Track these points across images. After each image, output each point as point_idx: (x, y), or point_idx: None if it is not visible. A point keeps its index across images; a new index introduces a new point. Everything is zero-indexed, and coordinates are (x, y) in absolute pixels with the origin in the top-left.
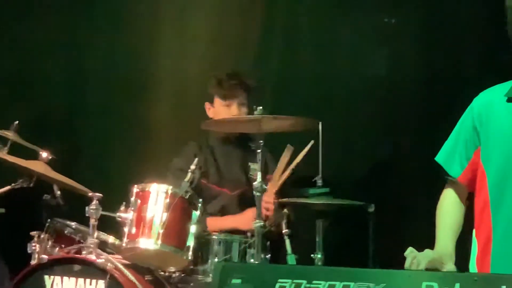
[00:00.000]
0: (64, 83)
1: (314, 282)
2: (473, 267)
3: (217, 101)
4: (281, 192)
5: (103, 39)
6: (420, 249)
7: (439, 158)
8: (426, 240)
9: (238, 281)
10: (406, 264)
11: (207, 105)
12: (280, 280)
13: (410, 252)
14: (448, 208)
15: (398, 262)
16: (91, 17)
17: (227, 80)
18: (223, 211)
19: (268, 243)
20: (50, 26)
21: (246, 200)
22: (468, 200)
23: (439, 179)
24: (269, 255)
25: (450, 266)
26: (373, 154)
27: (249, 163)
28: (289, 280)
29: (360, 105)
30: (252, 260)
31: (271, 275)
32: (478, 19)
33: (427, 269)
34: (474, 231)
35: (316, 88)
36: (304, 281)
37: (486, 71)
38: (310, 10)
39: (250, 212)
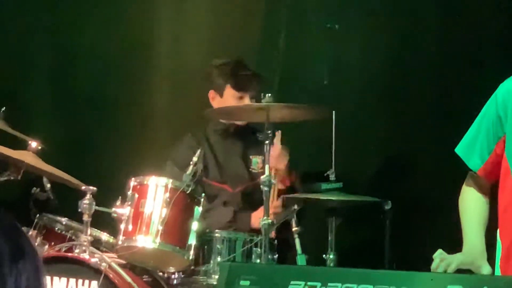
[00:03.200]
0: (54, 68)
1: (330, 284)
2: (497, 269)
3: (229, 91)
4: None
5: (98, 23)
6: (444, 250)
7: (459, 149)
8: (447, 239)
9: (247, 283)
10: (433, 265)
11: (211, 93)
12: (292, 282)
13: (439, 254)
14: (472, 203)
15: (416, 264)
16: (80, 2)
17: (243, 69)
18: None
19: (276, 242)
20: (37, 6)
21: (249, 197)
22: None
23: (459, 174)
24: (277, 255)
25: (486, 268)
26: (389, 147)
27: (250, 156)
28: (302, 282)
29: (375, 95)
30: (258, 261)
31: (282, 277)
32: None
33: (461, 271)
34: (498, 230)
35: (330, 77)
36: (319, 283)
37: (508, 60)
38: None
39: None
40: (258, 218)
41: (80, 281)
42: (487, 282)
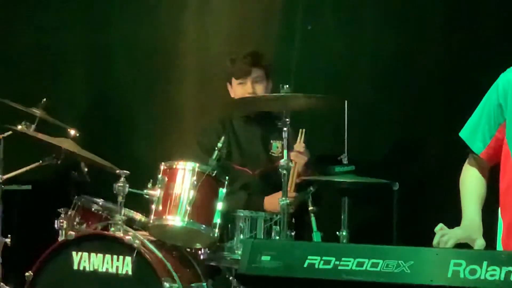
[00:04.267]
0: (89, 60)
1: (343, 259)
2: (499, 246)
3: (233, 80)
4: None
5: (129, 21)
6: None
7: (463, 133)
8: (450, 218)
9: (268, 258)
10: (435, 241)
11: (228, 86)
12: (309, 257)
13: (439, 228)
14: (471, 181)
15: (422, 240)
16: None
17: (239, 58)
18: (244, 191)
19: (293, 220)
20: (73, 6)
21: (268, 179)
22: (492, 179)
23: (464, 157)
24: (294, 232)
25: (480, 241)
26: (398, 133)
27: (271, 141)
28: (318, 257)
29: (384, 84)
30: (277, 237)
31: (300, 252)
32: None
33: (458, 246)
34: (499, 210)
35: (341, 66)
36: (333, 258)
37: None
38: None
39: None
40: (270, 203)
41: (115, 257)
42: (488, 256)
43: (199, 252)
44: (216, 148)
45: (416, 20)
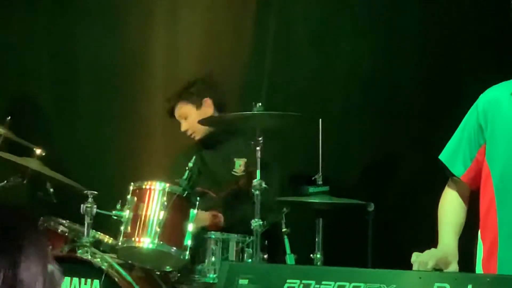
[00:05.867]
0: (56, 80)
1: (324, 282)
2: (479, 269)
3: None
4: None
5: (96, 36)
6: (421, 249)
7: (443, 156)
8: (426, 240)
9: (245, 281)
10: (414, 268)
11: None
12: (288, 281)
13: (416, 257)
14: (451, 207)
15: (397, 262)
16: (82, 10)
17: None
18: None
19: (266, 242)
20: (40, 19)
21: (231, 201)
22: (472, 201)
23: (439, 178)
24: (267, 254)
25: (454, 265)
26: (373, 153)
27: (234, 159)
28: (298, 281)
29: (359, 102)
30: (250, 260)
31: (279, 275)
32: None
33: (434, 269)
34: (479, 232)
35: (314, 84)
36: (313, 282)
37: (489, 68)
38: (305, 2)
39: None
40: (199, 219)
41: (83, 280)
42: (473, 280)
43: (170, 275)
44: (187, 168)
45: (391, 37)
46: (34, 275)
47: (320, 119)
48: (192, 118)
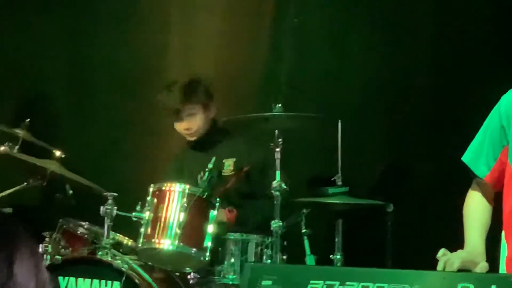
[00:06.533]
0: (75, 83)
1: (347, 283)
2: (502, 269)
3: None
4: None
5: (111, 37)
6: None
7: (466, 157)
8: (446, 240)
9: (269, 282)
10: (439, 267)
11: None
12: (311, 282)
13: (442, 254)
14: (476, 208)
15: (417, 262)
16: (98, 14)
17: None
18: None
19: (285, 243)
20: (57, 23)
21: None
22: (495, 201)
23: (458, 179)
24: (286, 255)
25: (483, 264)
26: (392, 154)
27: (224, 160)
28: (321, 281)
29: (378, 103)
30: (269, 261)
31: (302, 276)
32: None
33: (460, 270)
34: (503, 232)
35: (333, 86)
36: (337, 283)
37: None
38: (322, 4)
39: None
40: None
41: (103, 281)
42: (497, 280)
43: (189, 276)
44: (206, 170)
45: (408, 40)
46: (27, 275)
47: (340, 120)
48: (198, 117)
